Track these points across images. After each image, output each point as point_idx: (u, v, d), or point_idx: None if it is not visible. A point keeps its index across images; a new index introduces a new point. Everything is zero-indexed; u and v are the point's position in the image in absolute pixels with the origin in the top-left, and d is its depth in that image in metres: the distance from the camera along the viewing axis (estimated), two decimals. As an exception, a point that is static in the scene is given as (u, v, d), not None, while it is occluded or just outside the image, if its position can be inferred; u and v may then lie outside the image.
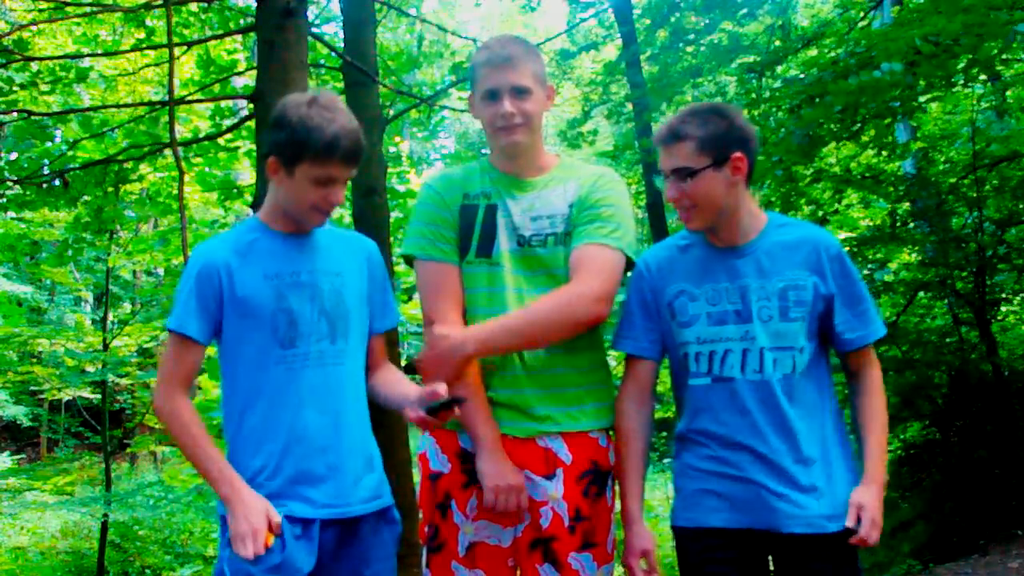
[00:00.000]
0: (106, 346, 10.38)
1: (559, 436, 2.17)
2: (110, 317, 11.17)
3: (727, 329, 2.14)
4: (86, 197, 7.52)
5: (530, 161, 2.27)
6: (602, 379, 2.26)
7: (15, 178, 6.66)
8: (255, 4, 4.82)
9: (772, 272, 2.15)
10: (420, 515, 2.29)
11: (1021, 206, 6.64)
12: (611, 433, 2.26)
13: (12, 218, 9.11)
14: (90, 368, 11.05)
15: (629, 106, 8.55)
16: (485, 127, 2.26)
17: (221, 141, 7.75)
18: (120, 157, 7.01)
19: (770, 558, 2.19)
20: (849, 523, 2.05)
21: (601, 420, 2.22)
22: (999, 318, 7.19)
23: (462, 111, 10.24)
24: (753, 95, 7.38)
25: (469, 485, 2.18)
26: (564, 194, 2.24)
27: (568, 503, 2.15)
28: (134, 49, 7.93)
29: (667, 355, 2.29)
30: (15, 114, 6.53)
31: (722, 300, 2.16)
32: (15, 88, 6.67)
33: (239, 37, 7.75)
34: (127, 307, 14.19)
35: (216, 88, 7.37)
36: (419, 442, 2.33)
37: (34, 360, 13.58)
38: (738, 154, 2.12)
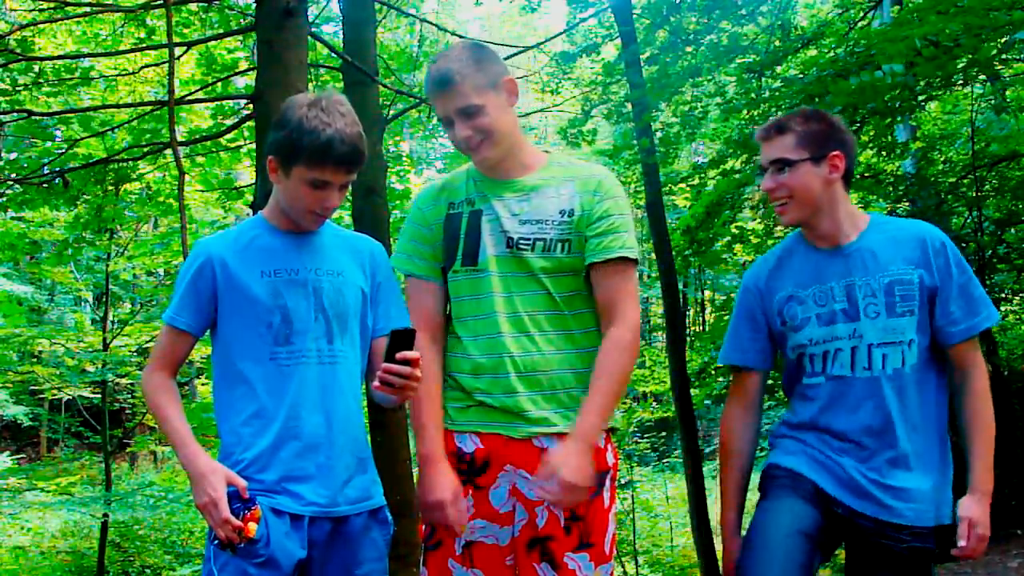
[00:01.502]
0: (106, 346, 10.39)
1: (555, 437, 2.17)
2: (110, 317, 11.18)
3: (837, 328, 2.17)
4: (86, 196, 7.53)
5: (513, 162, 2.25)
6: None
7: (15, 177, 6.66)
8: (255, 4, 4.82)
9: (877, 268, 2.17)
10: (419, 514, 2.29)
11: (1020, 206, 6.65)
12: (608, 433, 2.26)
13: (12, 217, 9.12)
14: (90, 368, 11.06)
15: (628, 106, 8.54)
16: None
17: (223, 141, 7.76)
18: (120, 156, 7.01)
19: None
20: (960, 540, 2.10)
21: None
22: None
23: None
24: (753, 95, 7.38)
25: (465, 484, 2.18)
26: (558, 199, 2.22)
27: None
28: (134, 49, 7.93)
29: (783, 359, 2.34)
30: (15, 114, 6.53)
31: (829, 300, 2.19)
32: (18, 88, 6.67)
33: (239, 37, 7.75)
34: (127, 307, 14.20)
35: (217, 88, 7.38)
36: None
37: (34, 360, 13.59)
38: (836, 152, 2.17)
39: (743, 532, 2.28)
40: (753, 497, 2.28)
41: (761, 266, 2.36)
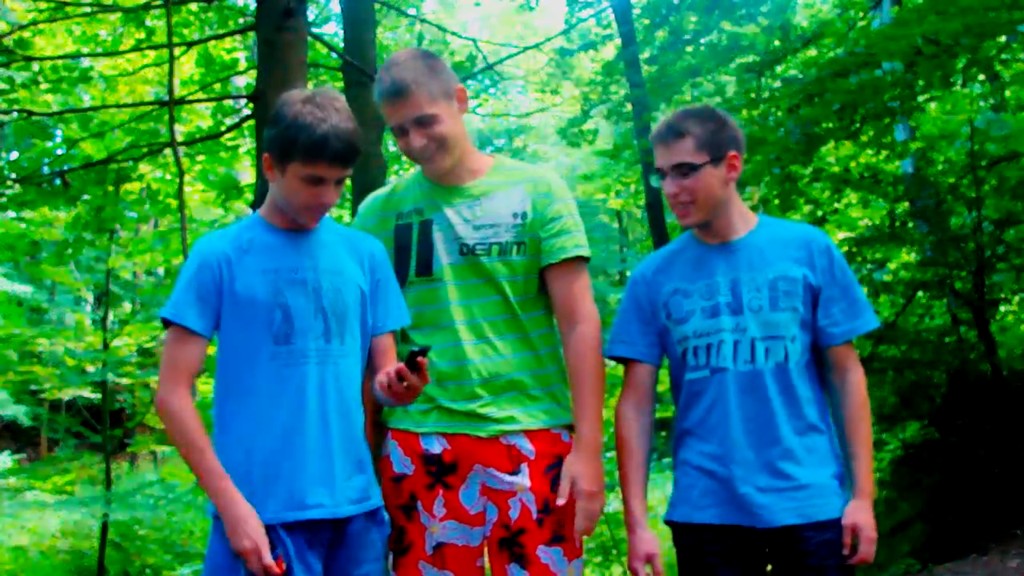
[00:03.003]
0: (106, 346, 10.37)
1: (521, 434, 2.19)
2: (110, 317, 11.17)
3: (721, 320, 2.19)
4: (86, 196, 7.52)
5: (462, 169, 2.25)
6: (560, 379, 2.29)
7: (15, 177, 6.67)
8: (255, 4, 4.83)
9: (763, 264, 2.20)
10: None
11: (1020, 206, 6.64)
12: (571, 429, 2.28)
13: (12, 218, 9.12)
14: (90, 368, 11.04)
15: (628, 106, 8.55)
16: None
17: (223, 141, 7.77)
18: (120, 156, 7.02)
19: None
20: (845, 549, 2.10)
21: (560, 418, 2.25)
22: (998, 318, 7.19)
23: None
24: (752, 95, 7.38)
25: (433, 486, 2.19)
26: (508, 202, 2.24)
27: (536, 495, 2.16)
28: (134, 49, 7.94)
29: (666, 356, 2.33)
30: (15, 114, 6.54)
31: (715, 294, 2.21)
32: (16, 88, 6.68)
33: (239, 36, 7.76)
34: (127, 307, 14.19)
35: (217, 87, 7.39)
36: (383, 447, 2.33)
37: (34, 360, 13.58)
38: (733, 152, 2.20)
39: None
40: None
41: (649, 261, 2.39)
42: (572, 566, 2.19)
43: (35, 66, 6.87)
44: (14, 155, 8.23)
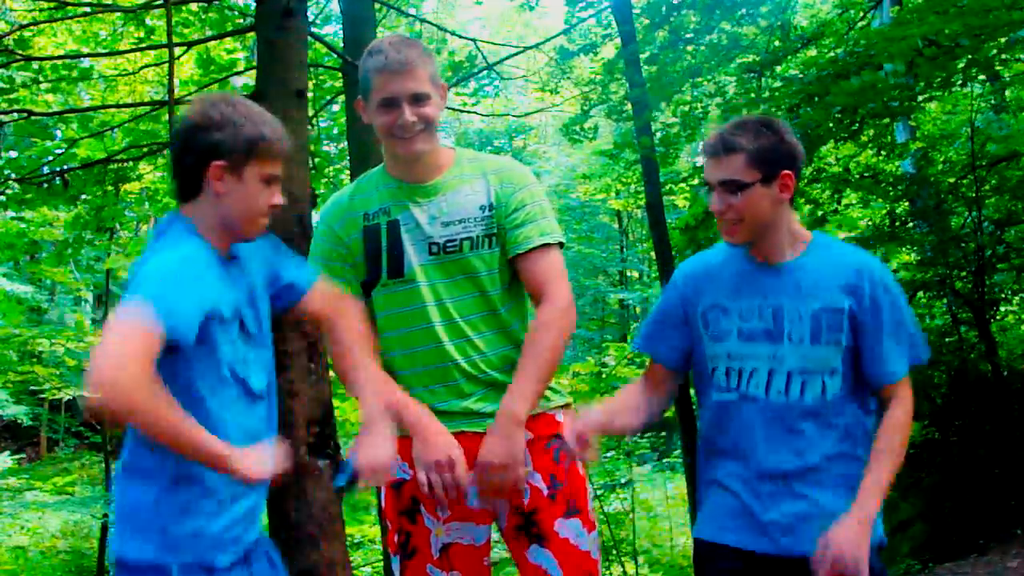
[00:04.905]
0: (106, 346, 10.36)
1: None
2: (110, 317, 11.18)
3: (757, 347, 2.09)
4: (86, 196, 7.54)
5: (429, 163, 2.23)
6: None
7: (15, 177, 6.67)
8: (255, 4, 4.83)
9: (808, 293, 2.08)
10: (388, 525, 2.27)
11: (1020, 206, 6.66)
12: (565, 408, 2.27)
13: (12, 217, 9.13)
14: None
15: (628, 105, 8.55)
16: (382, 136, 2.20)
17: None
18: (120, 156, 7.03)
19: None
20: (815, 565, 1.99)
21: (552, 401, 2.23)
22: (998, 318, 7.20)
23: (462, 111, 10.25)
24: (752, 95, 7.38)
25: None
26: (472, 195, 2.22)
27: (542, 472, 2.15)
28: (134, 49, 7.94)
29: (694, 366, 2.25)
30: (15, 114, 6.55)
31: (754, 317, 2.11)
32: (16, 87, 6.69)
33: (239, 36, 7.76)
34: (127, 307, 14.13)
35: (216, 88, 7.39)
36: None
37: (34, 360, 13.59)
38: (787, 171, 2.07)
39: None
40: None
41: (693, 265, 2.29)
42: (591, 537, 2.18)
43: (35, 66, 6.87)
44: (14, 155, 8.22)
